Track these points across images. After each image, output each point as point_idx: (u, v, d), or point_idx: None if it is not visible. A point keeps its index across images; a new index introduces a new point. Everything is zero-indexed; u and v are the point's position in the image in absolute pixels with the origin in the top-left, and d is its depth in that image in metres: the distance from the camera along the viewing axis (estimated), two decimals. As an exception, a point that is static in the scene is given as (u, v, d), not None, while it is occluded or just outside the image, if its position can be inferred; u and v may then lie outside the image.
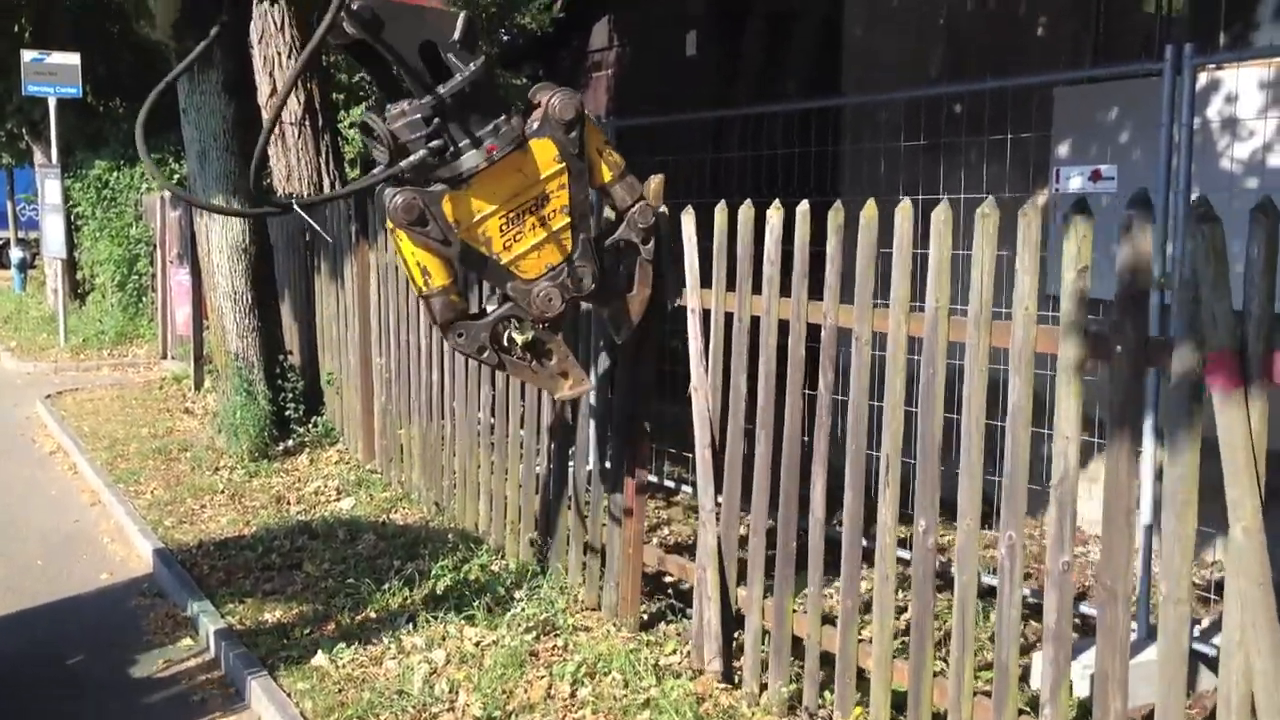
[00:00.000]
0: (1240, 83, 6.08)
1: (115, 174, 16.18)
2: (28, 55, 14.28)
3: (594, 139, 4.03)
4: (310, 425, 8.86)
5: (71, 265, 17.29)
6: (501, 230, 3.82)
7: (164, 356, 13.60)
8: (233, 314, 8.73)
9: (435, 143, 3.62)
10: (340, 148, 16.98)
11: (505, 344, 4.13)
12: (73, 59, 14.39)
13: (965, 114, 7.23)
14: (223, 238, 8.64)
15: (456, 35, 3.61)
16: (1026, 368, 3.41)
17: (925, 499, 3.75)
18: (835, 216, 3.99)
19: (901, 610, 4.44)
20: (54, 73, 14.37)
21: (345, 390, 8.58)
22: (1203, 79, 6.30)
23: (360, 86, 23.23)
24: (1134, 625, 4.80)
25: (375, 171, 3.71)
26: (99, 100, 17.33)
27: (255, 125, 9.95)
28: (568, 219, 3.92)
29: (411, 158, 3.63)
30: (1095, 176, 5.15)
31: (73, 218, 16.88)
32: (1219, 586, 5.72)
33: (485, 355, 4.09)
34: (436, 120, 3.61)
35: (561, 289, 3.97)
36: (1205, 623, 4.97)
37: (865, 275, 3.91)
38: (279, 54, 14.73)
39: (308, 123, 14.77)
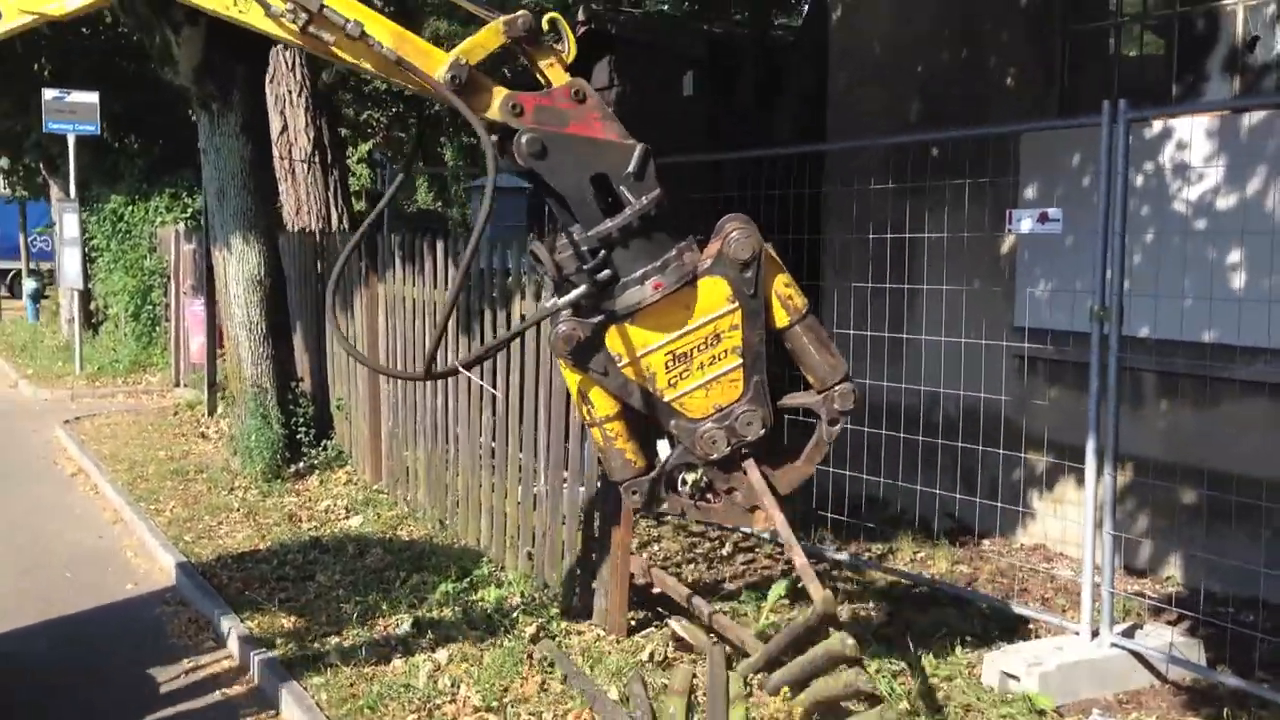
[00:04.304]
0: (1193, 132, 6.57)
1: (130, 208, 16.68)
2: (49, 94, 14.82)
3: (774, 278, 3.76)
4: (320, 448, 9.32)
5: (85, 295, 17.79)
6: (666, 366, 3.66)
7: (177, 384, 14.07)
8: (248, 342, 9.20)
9: (600, 275, 3.54)
10: (348, 182, 17.54)
11: (679, 487, 3.92)
12: (91, 97, 14.93)
13: (942, 159, 7.72)
14: (240, 270, 9.11)
15: (631, 167, 3.55)
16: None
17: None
18: None
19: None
20: (73, 110, 14.91)
21: (354, 415, 9.04)
22: (1157, 127, 6.82)
23: (368, 123, 23.84)
24: (1080, 622, 5.25)
25: (543, 302, 3.73)
26: (115, 137, 17.89)
27: (270, 165, 10.47)
28: (739, 360, 3.69)
29: (574, 292, 3.55)
30: (1043, 218, 5.61)
31: (87, 250, 17.37)
32: (1171, 599, 6.16)
33: (664, 506, 3.94)
34: (603, 252, 3.54)
35: (728, 432, 3.71)
36: (1147, 628, 5.39)
37: None
38: (290, 92, 15.33)
39: (317, 158, 15.34)
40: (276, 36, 3.44)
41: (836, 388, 3.82)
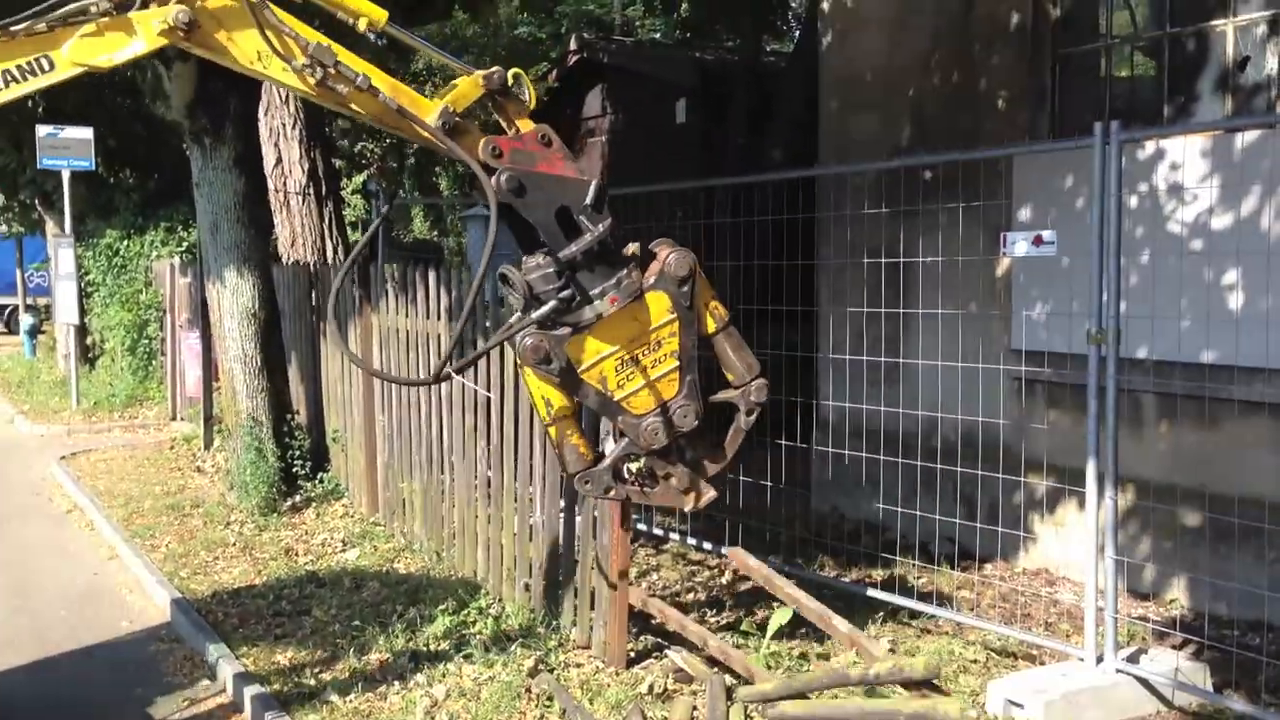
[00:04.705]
0: (1187, 152, 6.57)
1: (125, 242, 16.68)
2: (42, 130, 14.82)
3: (704, 293, 4.28)
4: (316, 481, 9.27)
5: (82, 330, 17.76)
6: (616, 370, 4.14)
7: (173, 418, 14.01)
8: (243, 375, 9.17)
9: (565, 293, 3.99)
10: (343, 214, 17.55)
11: (626, 476, 4.39)
12: (85, 133, 14.94)
13: (934, 182, 7.71)
14: (234, 303, 9.09)
15: (588, 200, 4.00)
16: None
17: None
18: None
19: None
20: (68, 146, 14.93)
21: (350, 447, 9.00)
22: (1150, 148, 6.82)
23: (362, 155, 23.92)
24: (1085, 648, 5.20)
25: (512, 320, 4.11)
26: (109, 171, 17.87)
27: (264, 198, 10.47)
28: (676, 362, 4.20)
29: (545, 307, 3.99)
30: (1037, 241, 5.60)
31: (83, 284, 17.34)
32: (1175, 622, 6.10)
33: (612, 494, 4.43)
34: (567, 273, 4.00)
35: (667, 424, 4.22)
36: (1152, 653, 5.33)
37: None
38: (284, 125, 15.34)
39: (311, 190, 15.34)
40: (295, 89, 3.67)
41: (752, 383, 4.35)
